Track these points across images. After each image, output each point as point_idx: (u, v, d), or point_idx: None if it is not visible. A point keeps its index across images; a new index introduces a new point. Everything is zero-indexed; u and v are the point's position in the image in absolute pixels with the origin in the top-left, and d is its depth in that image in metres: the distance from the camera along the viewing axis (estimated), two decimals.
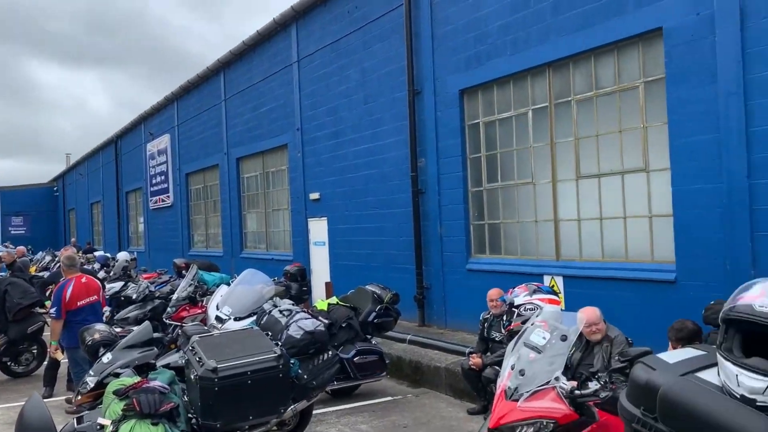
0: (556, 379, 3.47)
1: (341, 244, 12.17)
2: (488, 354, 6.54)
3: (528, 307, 5.02)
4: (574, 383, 3.49)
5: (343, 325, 7.24)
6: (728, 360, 1.93)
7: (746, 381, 1.85)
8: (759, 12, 5.85)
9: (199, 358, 4.43)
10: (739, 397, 1.87)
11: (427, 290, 10.01)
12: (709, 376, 2.03)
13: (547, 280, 7.95)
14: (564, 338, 3.54)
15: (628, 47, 7.18)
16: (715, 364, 2.02)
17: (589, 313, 5.29)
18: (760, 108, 5.89)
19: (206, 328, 6.58)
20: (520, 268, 8.34)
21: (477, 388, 6.46)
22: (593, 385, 3.43)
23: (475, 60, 9.00)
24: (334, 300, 7.78)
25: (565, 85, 7.96)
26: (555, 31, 7.81)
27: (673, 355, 2.20)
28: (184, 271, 11.14)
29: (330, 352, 6.04)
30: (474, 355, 6.60)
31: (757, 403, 1.83)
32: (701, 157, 6.35)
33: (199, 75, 17.97)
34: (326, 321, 6.58)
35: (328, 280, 12.31)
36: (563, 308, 7.32)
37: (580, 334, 5.33)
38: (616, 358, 4.14)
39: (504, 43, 8.53)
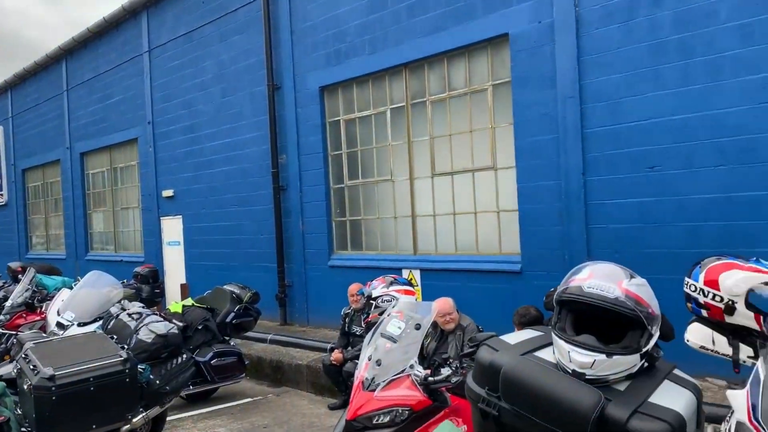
0: (411, 367, 3.57)
1: (198, 243, 11.69)
2: (349, 348, 6.59)
3: (385, 298, 5.13)
4: (428, 371, 3.61)
5: (199, 327, 6.95)
6: (561, 338, 2.08)
7: (576, 357, 2.01)
8: (592, 22, 6.40)
9: (34, 366, 4.04)
10: (570, 372, 2.03)
11: (289, 288, 9.90)
12: (545, 354, 2.18)
13: (405, 273, 8.18)
14: (418, 327, 3.65)
15: (478, 51, 7.56)
16: (551, 343, 2.18)
17: (442, 304, 5.51)
18: (593, 111, 6.46)
19: (45, 335, 6.02)
20: (381, 263, 8.50)
21: (338, 382, 6.49)
22: (445, 371, 3.57)
23: (335, 58, 9.04)
24: (189, 302, 7.45)
25: (420, 85, 8.23)
26: (410, 33, 8.05)
27: (514, 337, 2.34)
28: (20, 276, 10.10)
29: (184, 356, 5.77)
30: (335, 350, 6.63)
31: (587, 377, 1.99)
32: (542, 156, 6.84)
33: (38, 63, 16.41)
34: (180, 324, 6.28)
35: (184, 281, 11.79)
36: (420, 299, 7.61)
37: (435, 324, 5.57)
38: (467, 344, 4.34)
39: (362, 43, 8.64)
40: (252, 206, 10.41)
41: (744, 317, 3.11)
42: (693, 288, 3.29)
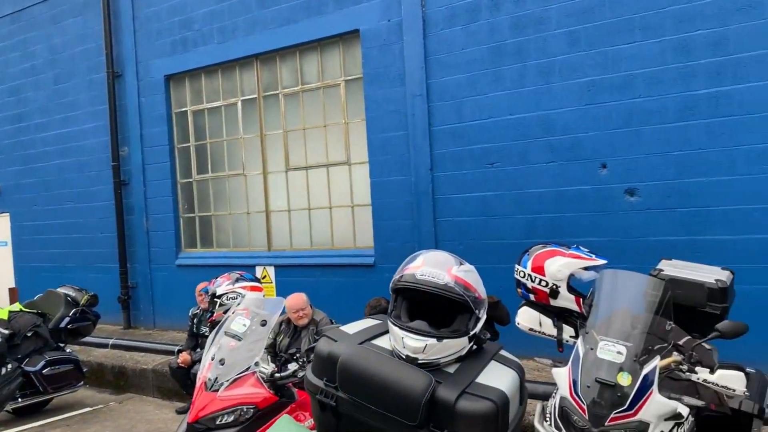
0: (256, 364, 3.49)
1: (29, 243, 10.63)
2: (198, 350, 6.32)
3: (230, 296, 4.97)
4: (275, 367, 3.55)
5: (29, 335, 6.31)
6: (395, 325, 2.12)
7: (410, 342, 2.06)
8: (438, 23, 6.64)
9: None
10: (404, 357, 2.07)
11: (133, 289, 9.32)
12: (383, 342, 2.21)
13: (259, 270, 8.02)
14: (264, 323, 3.57)
15: (330, 46, 7.57)
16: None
17: (295, 300, 5.45)
18: (440, 110, 6.71)
19: None
20: (233, 261, 8.25)
21: (186, 386, 6.20)
22: (292, 367, 3.53)
23: (182, 45, 8.62)
24: (17, 307, 6.74)
25: (272, 77, 8.08)
26: (261, 23, 7.87)
27: (354, 327, 2.35)
28: None
29: (9, 366, 5.24)
30: (183, 352, 6.33)
31: (419, 361, 2.05)
32: (394, 152, 7.00)
33: None
34: (5, 331, 5.69)
35: (13, 285, 10.67)
36: (276, 296, 7.49)
37: (289, 320, 5.50)
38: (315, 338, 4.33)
39: (211, 31, 8.32)
40: (90, 202, 9.65)
41: (566, 300, 3.39)
42: (522, 274, 3.52)
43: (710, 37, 5.33)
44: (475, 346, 2.21)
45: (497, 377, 2.07)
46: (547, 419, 2.93)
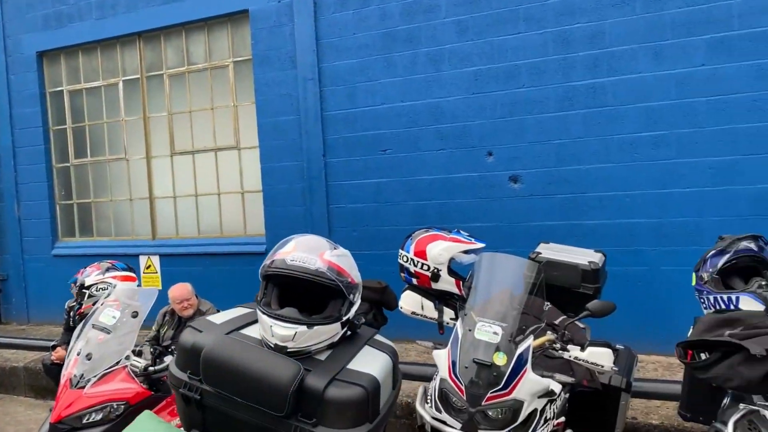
0: (127, 358, 3.29)
1: None
2: None
3: (100, 286, 4.65)
4: (149, 360, 3.36)
5: None
6: (264, 313, 2.04)
7: (278, 330, 1.99)
8: (329, 6, 6.54)
9: None
10: (273, 346, 1.99)
11: (4, 282, 8.59)
12: (252, 331, 2.13)
13: (143, 260, 7.63)
14: (135, 315, 3.38)
15: (218, 25, 7.28)
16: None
17: (179, 290, 5.22)
18: (332, 94, 6.62)
19: None
20: (115, 250, 7.79)
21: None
22: (168, 359, 3.36)
23: (56, 20, 7.98)
24: None
25: (156, 57, 7.67)
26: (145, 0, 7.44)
27: (223, 316, 2.25)
28: None
29: None
30: (58, 347, 5.89)
31: (288, 350, 1.98)
32: (285, 137, 6.85)
33: None
34: None
35: None
36: (161, 286, 7.16)
37: (173, 311, 5.26)
38: None
39: (89, 6, 7.76)
40: None
41: (447, 283, 3.44)
42: (405, 258, 3.54)
43: (588, 30, 5.58)
44: (349, 332, 2.18)
45: (369, 362, 2.04)
46: (428, 401, 2.97)
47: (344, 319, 2.09)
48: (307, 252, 2.07)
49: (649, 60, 5.39)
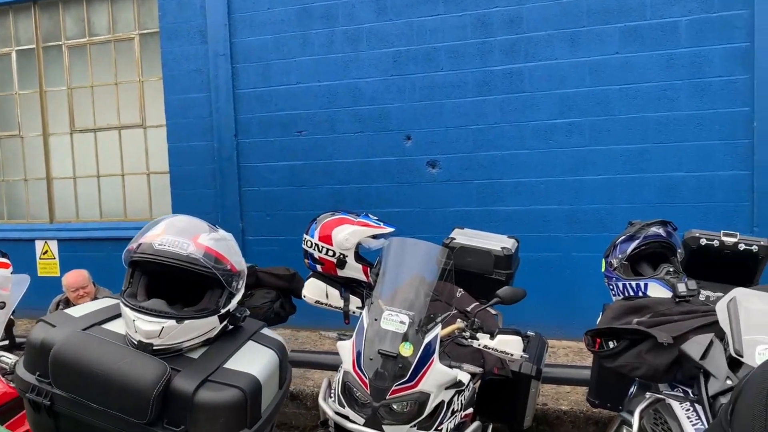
0: None
1: None
2: None
3: None
4: (18, 357, 3.01)
5: None
6: (127, 305, 1.79)
7: (142, 325, 1.74)
8: None
9: None
10: (137, 343, 1.75)
11: None
12: (116, 326, 1.86)
13: (39, 245, 7.07)
14: (2, 305, 3.02)
15: None
16: None
17: (74, 277, 4.90)
18: (245, 71, 6.30)
19: None
20: (8, 234, 7.19)
21: None
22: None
23: None
24: None
25: (54, 26, 7.06)
26: None
27: (83, 308, 1.97)
28: None
29: None
30: None
31: (154, 347, 1.74)
32: (194, 115, 6.47)
33: None
34: None
35: None
36: (59, 273, 6.66)
37: (68, 300, 4.89)
38: None
39: None
40: None
41: (354, 270, 3.26)
42: (309, 244, 3.34)
43: (506, 14, 5.51)
44: (230, 327, 1.95)
45: (251, 360, 1.82)
46: (332, 395, 2.79)
47: (223, 311, 1.85)
48: (178, 235, 1.82)
49: (565, 47, 5.38)
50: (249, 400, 1.67)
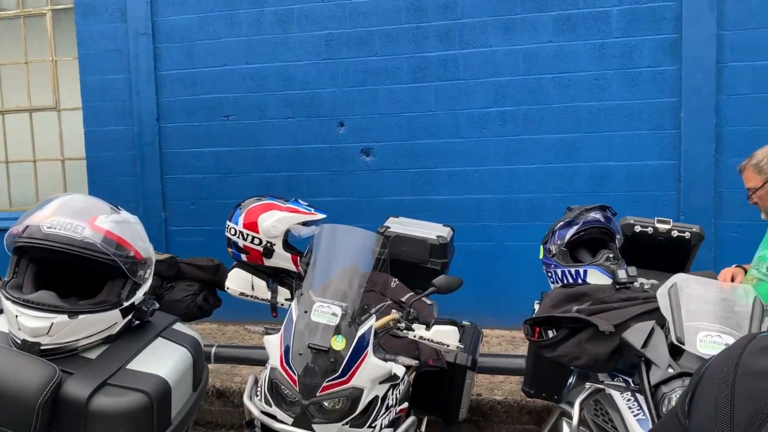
0: None
1: None
2: None
3: None
4: None
5: None
6: (9, 298, 1.54)
7: (27, 322, 1.50)
8: None
9: None
10: (21, 342, 1.51)
11: None
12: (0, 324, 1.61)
13: None
14: None
15: None
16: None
17: None
18: (167, 52, 5.95)
19: None
20: None
21: None
22: None
23: None
24: None
25: None
26: None
27: None
28: None
29: None
30: None
31: (42, 347, 1.51)
32: (113, 98, 6.07)
33: None
34: None
35: None
36: None
37: None
38: None
39: None
40: None
41: (282, 259, 3.07)
42: (233, 231, 3.12)
43: None
44: (136, 322, 1.72)
45: (159, 359, 1.60)
46: (258, 393, 2.60)
47: (126, 304, 1.62)
48: (72, 217, 1.57)
49: (500, 34, 5.33)
50: (156, 406, 1.46)
